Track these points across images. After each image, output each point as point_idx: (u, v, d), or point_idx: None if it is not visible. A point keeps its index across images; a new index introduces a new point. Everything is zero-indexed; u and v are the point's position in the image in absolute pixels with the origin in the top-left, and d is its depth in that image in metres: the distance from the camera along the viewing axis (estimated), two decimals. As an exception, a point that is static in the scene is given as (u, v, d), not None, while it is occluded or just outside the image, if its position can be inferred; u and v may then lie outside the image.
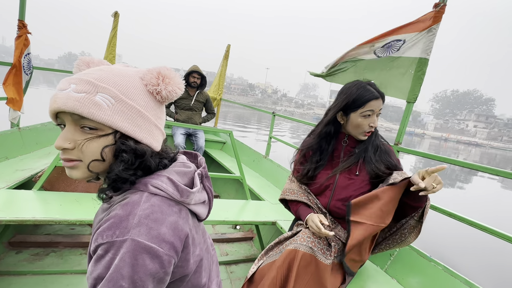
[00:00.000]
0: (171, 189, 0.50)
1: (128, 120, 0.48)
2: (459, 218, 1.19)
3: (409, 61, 1.44)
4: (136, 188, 0.50)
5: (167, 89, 0.52)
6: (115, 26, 2.98)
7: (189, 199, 0.53)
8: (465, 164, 1.23)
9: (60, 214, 1.25)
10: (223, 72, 3.92)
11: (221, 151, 3.56)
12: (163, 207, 0.48)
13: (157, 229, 0.45)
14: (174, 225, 0.48)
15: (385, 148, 1.19)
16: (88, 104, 0.45)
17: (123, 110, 0.48)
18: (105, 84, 0.47)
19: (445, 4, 1.31)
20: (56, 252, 1.68)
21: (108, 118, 0.46)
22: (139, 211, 0.45)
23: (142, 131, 0.50)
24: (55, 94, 0.46)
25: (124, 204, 0.46)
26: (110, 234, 0.43)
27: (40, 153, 2.19)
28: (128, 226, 0.43)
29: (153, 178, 0.50)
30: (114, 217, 0.45)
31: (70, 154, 0.47)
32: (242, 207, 1.79)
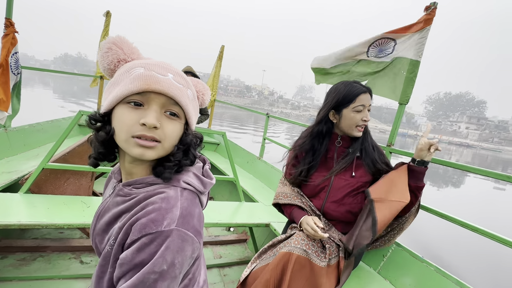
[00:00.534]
0: (197, 183, 0.58)
1: (194, 115, 0.58)
2: (451, 219, 1.20)
3: (401, 62, 1.47)
4: (170, 183, 0.55)
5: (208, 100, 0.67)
6: (106, 25, 2.95)
7: (207, 190, 0.61)
8: (456, 166, 1.25)
9: (47, 218, 1.22)
10: (217, 73, 3.92)
11: (215, 153, 3.54)
12: (192, 200, 0.55)
13: (192, 220, 0.52)
14: (200, 215, 0.55)
15: (380, 149, 1.26)
16: (185, 94, 0.53)
17: (195, 107, 0.59)
18: (191, 83, 0.58)
19: (435, 7, 1.34)
20: (43, 257, 1.64)
21: (191, 109, 0.55)
22: (180, 204, 0.52)
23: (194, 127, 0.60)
24: (153, 75, 0.50)
25: (165, 198, 0.52)
26: (158, 224, 0.48)
27: (28, 155, 2.14)
28: (173, 218, 0.49)
29: (183, 174, 0.57)
30: (160, 209, 0.50)
31: (155, 133, 0.50)
32: (235, 209, 1.78)
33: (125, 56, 0.54)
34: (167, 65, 0.54)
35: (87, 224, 1.26)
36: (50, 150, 1.43)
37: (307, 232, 1.10)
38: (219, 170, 2.90)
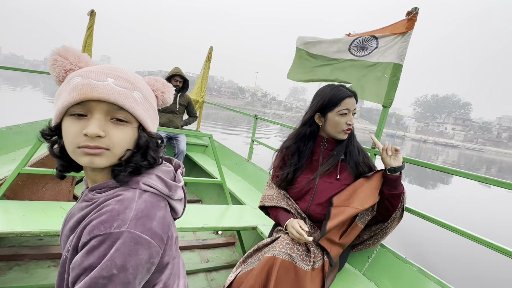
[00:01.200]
0: (160, 185, 0.56)
1: (150, 118, 0.57)
2: (432, 219, 1.23)
3: (384, 66, 1.50)
4: (128, 185, 0.54)
5: (170, 97, 0.65)
6: (91, 25, 2.88)
7: (175, 193, 0.59)
8: (440, 168, 1.29)
9: (23, 225, 1.17)
10: (205, 74, 3.90)
11: (203, 155, 3.51)
12: (153, 202, 0.54)
13: (150, 222, 0.50)
14: (163, 219, 0.53)
15: (365, 152, 1.28)
16: (130, 98, 0.51)
17: (148, 108, 0.56)
18: (138, 84, 0.55)
19: (417, 12, 1.38)
20: (20, 266, 1.57)
21: (141, 112, 0.54)
22: (135, 206, 0.50)
23: (154, 128, 0.59)
24: (90, 83, 0.49)
25: (120, 200, 0.51)
26: (108, 226, 0.46)
27: (4, 159, 2.06)
28: (125, 219, 0.47)
29: (144, 176, 0.56)
30: (112, 211, 0.48)
31: (100, 142, 0.50)
32: (223, 213, 1.77)
33: (72, 66, 0.53)
34: (108, 70, 0.52)
35: None
36: (27, 154, 1.38)
37: (292, 235, 1.11)
38: (207, 172, 2.88)
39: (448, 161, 24.73)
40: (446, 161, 23.89)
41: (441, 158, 27.18)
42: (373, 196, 1.15)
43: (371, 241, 1.30)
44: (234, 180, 2.64)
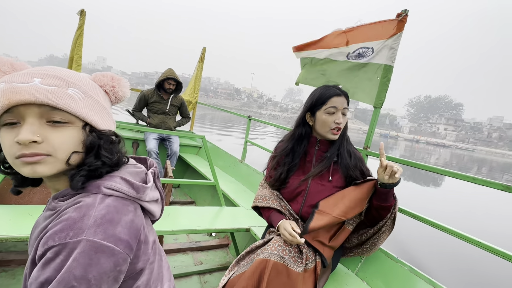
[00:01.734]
0: (126, 188, 0.52)
1: (97, 114, 0.52)
2: (423, 219, 1.25)
3: (375, 67, 1.52)
4: (88, 191, 0.50)
5: (122, 91, 0.59)
6: (81, 25, 2.84)
7: (145, 195, 0.55)
8: (430, 169, 1.31)
9: (9, 230, 1.14)
10: (198, 75, 3.89)
11: (197, 156, 3.50)
12: (118, 207, 0.50)
13: (113, 228, 0.46)
14: (130, 223, 0.49)
15: (359, 155, 1.26)
16: (63, 96, 0.47)
17: (92, 104, 0.52)
18: (74, 80, 0.50)
19: (406, 14, 1.40)
20: (7, 272, 1.53)
21: (83, 110, 0.49)
22: (94, 212, 0.46)
23: (106, 126, 0.55)
24: (13, 87, 0.45)
25: (78, 207, 0.47)
26: (63, 236, 0.43)
27: None
28: (83, 227, 0.44)
29: (106, 180, 0.52)
30: (68, 220, 0.45)
31: (37, 148, 0.46)
32: (216, 214, 1.76)
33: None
34: (35, 70, 0.48)
35: None
36: None
37: (285, 237, 1.11)
38: (200, 174, 2.86)
39: (440, 161, 25.18)
40: (438, 160, 24.34)
41: (433, 158, 27.66)
42: (360, 205, 1.14)
43: (360, 249, 1.29)
44: (227, 181, 2.63)
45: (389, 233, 1.20)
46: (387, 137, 54.59)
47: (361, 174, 1.22)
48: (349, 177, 1.21)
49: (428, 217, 1.24)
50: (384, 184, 1.09)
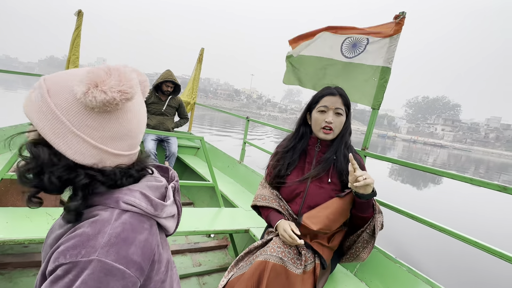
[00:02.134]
0: (144, 204, 0.50)
1: (43, 120, 0.44)
2: (420, 220, 1.26)
3: (373, 69, 1.53)
4: (106, 204, 0.48)
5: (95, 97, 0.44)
6: (78, 25, 2.84)
7: (162, 213, 0.53)
8: (427, 169, 1.32)
9: (6, 233, 1.13)
10: (196, 76, 3.89)
11: (195, 157, 3.50)
12: (134, 224, 0.48)
13: (126, 249, 0.44)
14: (144, 243, 0.47)
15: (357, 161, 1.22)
16: (27, 100, 0.46)
17: (42, 109, 0.45)
18: (45, 82, 0.46)
19: (404, 16, 1.42)
20: (4, 275, 1.52)
21: (30, 114, 0.45)
22: (109, 230, 0.44)
23: (55, 136, 0.45)
24: None
25: (93, 222, 0.45)
26: (75, 253, 0.41)
27: None
28: (96, 246, 0.42)
29: (125, 194, 0.49)
30: (81, 235, 0.43)
31: None
32: (215, 215, 1.77)
33: None
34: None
35: None
36: (11, 158, 1.34)
37: (283, 238, 1.11)
38: (199, 175, 2.86)
39: (437, 161, 25.29)
40: (435, 161, 24.47)
41: (430, 158, 27.74)
42: (344, 215, 1.15)
43: (347, 256, 1.27)
44: (226, 182, 2.63)
45: (370, 247, 1.17)
46: (384, 138, 55.07)
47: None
48: (343, 182, 1.20)
49: (426, 218, 1.25)
50: (358, 194, 1.07)
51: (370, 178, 1.03)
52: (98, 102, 0.43)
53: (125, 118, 0.49)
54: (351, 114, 1.25)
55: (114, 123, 0.48)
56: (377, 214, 1.13)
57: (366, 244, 1.18)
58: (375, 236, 1.13)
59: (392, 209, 1.39)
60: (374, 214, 1.13)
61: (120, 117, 0.48)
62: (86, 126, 0.46)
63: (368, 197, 1.07)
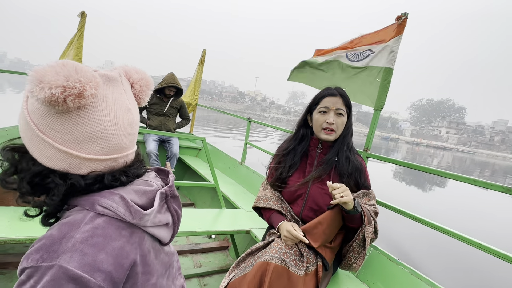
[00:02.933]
0: (122, 210, 0.47)
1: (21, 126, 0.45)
2: (423, 221, 1.26)
3: (376, 70, 1.54)
4: (82, 206, 0.46)
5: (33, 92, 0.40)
6: (81, 27, 2.87)
7: (143, 221, 0.49)
8: (429, 170, 1.32)
9: (7, 232, 1.15)
10: (198, 77, 3.92)
11: (197, 158, 3.51)
12: (108, 230, 0.45)
13: (94, 255, 0.41)
14: (118, 251, 0.44)
15: (358, 164, 1.22)
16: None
17: (21, 113, 0.45)
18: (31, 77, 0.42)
19: (406, 17, 1.42)
20: (5, 274, 1.54)
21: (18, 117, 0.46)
22: (76, 234, 0.42)
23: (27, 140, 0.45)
24: None
25: (63, 224, 0.43)
26: (36, 257, 0.40)
27: None
28: (58, 251, 0.40)
29: (103, 196, 0.47)
30: (47, 238, 0.41)
31: None
32: (216, 216, 1.77)
33: None
34: None
35: None
36: None
37: (286, 238, 1.11)
38: (200, 175, 2.87)
39: (442, 163, 25.18)
40: (438, 164, 24.32)
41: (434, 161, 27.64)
42: (338, 225, 1.15)
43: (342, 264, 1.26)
44: (227, 183, 2.64)
45: (361, 257, 1.16)
46: (387, 140, 55.02)
47: (356, 185, 1.19)
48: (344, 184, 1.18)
49: (428, 219, 1.25)
50: (342, 207, 1.08)
51: (347, 197, 1.03)
52: (40, 100, 0.40)
53: (92, 118, 0.44)
54: (352, 114, 1.25)
55: (78, 124, 0.44)
56: (366, 225, 1.10)
57: (357, 254, 1.17)
58: (366, 247, 1.12)
59: (394, 211, 1.39)
60: (363, 225, 1.11)
61: (85, 117, 0.44)
62: (51, 128, 0.43)
63: (350, 212, 1.08)
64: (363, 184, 1.21)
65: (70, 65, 0.42)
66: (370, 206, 1.18)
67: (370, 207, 1.17)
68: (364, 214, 1.11)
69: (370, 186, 1.24)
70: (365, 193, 1.20)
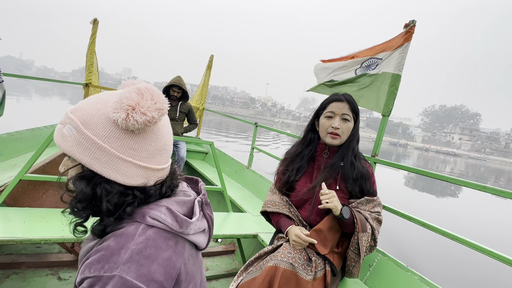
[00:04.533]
0: (170, 220, 0.50)
1: (86, 152, 0.47)
2: (432, 227, 1.27)
3: (383, 76, 1.57)
4: (133, 218, 0.50)
5: (135, 119, 0.46)
6: (93, 33, 2.99)
7: (189, 230, 0.53)
8: (437, 176, 1.33)
9: (23, 232, 1.19)
10: (206, 82, 4.00)
11: (203, 162, 3.56)
12: (158, 241, 0.48)
13: (148, 266, 0.45)
14: (167, 261, 0.48)
15: (363, 171, 1.22)
16: (58, 135, 0.48)
17: (82, 142, 0.47)
18: (74, 114, 0.48)
19: (414, 24, 1.45)
20: (17, 274, 1.59)
21: (70, 149, 0.47)
22: (132, 246, 0.45)
23: (102, 165, 0.47)
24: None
25: (118, 236, 0.47)
26: (98, 267, 0.43)
27: (4, 165, 2.11)
28: (118, 261, 0.44)
29: (152, 208, 0.51)
30: (106, 249, 0.45)
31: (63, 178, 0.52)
32: (223, 220, 1.80)
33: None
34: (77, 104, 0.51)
35: (66, 238, 1.24)
36: (29, 161, 1.41)
37: (295, 244, 1.13)
38: (207, 179, 2.92)
39: (455, 170, 24.64)
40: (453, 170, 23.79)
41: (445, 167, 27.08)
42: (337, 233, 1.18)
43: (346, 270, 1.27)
44: (234, 187, 2.67)
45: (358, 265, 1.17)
46: (396, 146, 54.40)
47: (360, 191, 1.20)
48: (350, 191, 1.22)
49: (438, 226, 1.26)
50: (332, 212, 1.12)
51: (332, 203, 1.07)
52: (140, 124, 0.46)
53: (160, 133, 0.52)
54: (360, 120, 1.27)
55: (153, 140, 0.51)
56: (360, 233, 1.11)
57: (354, 262, 1.18)
58: (361, 255, 1.13)
59: (403, 217, 1.39)
60: (355, 231, 1.12)
61: (156, 133, 0.51)
62: (129, 148, 0.49)
63: (339, 218, 1.11)
64: (369, 191, 1.21)
65: (152, 89, 0.48)
66: (372, 213, 1.18)
67: (372, 214, 1.18)
68: (356, 221, 1.11)
69: (376, 193, 1.25)
70: (369, 200, 1.20)
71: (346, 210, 1.11)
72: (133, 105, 0.46)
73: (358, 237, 1.11)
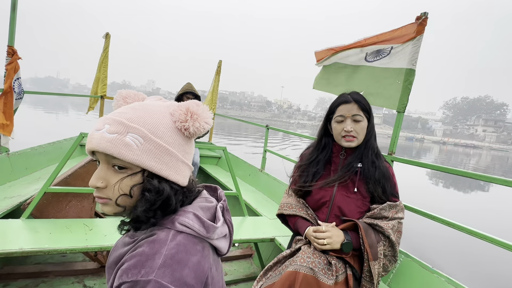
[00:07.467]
0: (197, 226, 0.53)
1: (155, 159, 0.51)
2: (458, 227, 1.23)
3: (396, 71, 1.54)
4: (163, 224, 0.53)
5: (194, 126, 0.55)
6: (106, 47, 3.12)
7: (214, 234, 0.56)
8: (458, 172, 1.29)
9: (50, 243, 1.26)
10: (215, 87, 4.07)
11: (217, 166, 3.61)
12: (188, 246, 0.51)
13: (181, 270, 0.47)
14: (197, 265, 0.50)
15: (385, 171, 1.20)
16: (119, 144, 0.49)
17: (151, 149, 0.51)
18: (136, 124, 0.51)
19: (426, 17, 1.42)
20: (46, 283, 1.68)
21: (137, 158, 0.50)
22: (165, 251, 0.48)
23: (169, 169, 0.53)
24: (91, 134, 0.51)
25: (151, 242, 0.50)
26: (135, 272, 0.46)
27: (30, 179, 2.23)
28: (153, 266, 0.46)
29: (180, 215, 0.54)
30: (141, 255, 0.48)
31: (101, 192, 0.51)
32: (239, 224, 1.81)
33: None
34: (111, 115, 0.53)
35: (90, 248, 1.30)
36: (52, 173, 1.49)
37: (314, 242, 1.13)
38: (221, 184, 2.95)
39: (481, 163, 23.52)
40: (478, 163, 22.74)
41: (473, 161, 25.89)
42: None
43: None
44: (248, 191, 2.69)
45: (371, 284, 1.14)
46: (412, 140, 52.82)
47: (383, 192, 1.17)
48: (371, 193, 1.19)
49: (464, 224, 1.21)
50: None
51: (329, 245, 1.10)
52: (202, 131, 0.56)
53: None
54: (373, 117, 1.24)
55: (192, 143, 0.60)
56: (370, 262, 1.09)
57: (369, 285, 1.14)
58: (374, 283, 1.11)
59: (426, 216, 1.36)
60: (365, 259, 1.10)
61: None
62: (185, 152, 0.57)
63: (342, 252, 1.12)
64: (391, 192, 1.18)
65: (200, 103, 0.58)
66: (393, 220, 1.15)
67: (395, 226, 1.15)
68: (365, 250, 1.09)
69: (398, 194, 1.21)
70: (391, 205, 1.17)
71: (347, 244, 1.11)
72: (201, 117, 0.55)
73: (370, 265, 1.09)
